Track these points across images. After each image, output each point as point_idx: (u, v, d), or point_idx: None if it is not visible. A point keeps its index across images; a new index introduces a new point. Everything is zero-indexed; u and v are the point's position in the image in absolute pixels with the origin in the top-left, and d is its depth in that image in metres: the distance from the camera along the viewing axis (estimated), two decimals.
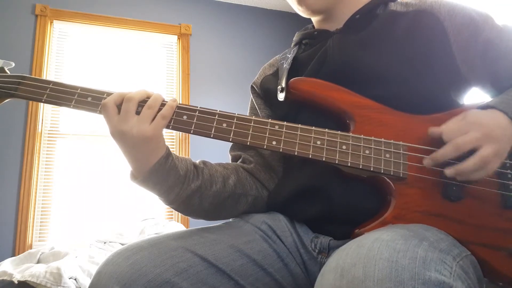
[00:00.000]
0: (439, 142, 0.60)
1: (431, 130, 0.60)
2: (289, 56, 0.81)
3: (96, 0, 2.72)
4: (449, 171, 0.57)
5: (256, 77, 0.90)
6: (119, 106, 0.62)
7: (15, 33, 2.50)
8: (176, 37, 2.91)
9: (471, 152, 0.56)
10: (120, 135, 0.61)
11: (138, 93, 0.63)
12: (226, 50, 3.00)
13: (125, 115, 0.61)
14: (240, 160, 0.83)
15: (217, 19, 3.03)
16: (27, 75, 0.67)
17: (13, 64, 0.71)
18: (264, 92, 0.85)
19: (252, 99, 0.89)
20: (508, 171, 0.61)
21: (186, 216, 0.73)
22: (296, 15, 0.84)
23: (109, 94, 0.65)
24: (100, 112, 0.64)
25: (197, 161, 0.73)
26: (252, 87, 0.89)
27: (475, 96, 0.74)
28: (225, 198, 0.73)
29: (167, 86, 2.85)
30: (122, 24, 2.75)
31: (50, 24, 2.61)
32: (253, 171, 0.79)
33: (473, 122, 0.57)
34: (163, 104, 0.63)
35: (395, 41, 0.70)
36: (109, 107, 0.61)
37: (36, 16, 2.56)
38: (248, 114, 0.88)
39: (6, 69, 0.69)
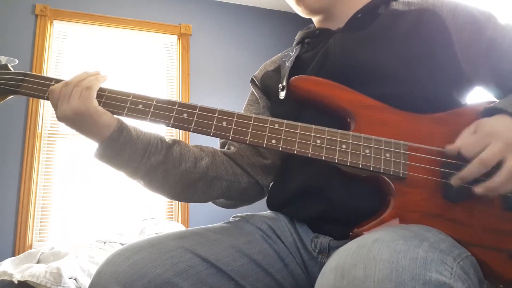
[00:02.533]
0: (442, 143, 0.59)
1: (448, 148, 0.59)
2: (292, 54, 0.81)
3: (96, 0, 2.72)
4: (479, 190, 0.55)
5: (256, 72, 0.89)
6: None
7: (15, 33, 2.50)
8: (176, 37, 2.91)
9: (498, 164, 0.54)
10: (61, 119, 0.63)
11: (77, 76, 0.65)
12: (226, 50, 3.00)
13: (62, 98, 0.63)
14: (227, 144, 0.82)
15: (217, 19, 3.03)
16: (30, 72, 0.68)
17: (17, 61, 0.71)
18: (264, 88, 0.85)
19: (252, 91, 0.89)
20: None
21: (155, 193, 0.73)
22: (296, 15, 0.84)
23: (57, 81, 0.67)
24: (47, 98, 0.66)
25: (171, 140, 0.72)
26: (252, 79, 0.89)
27: (478, 95, 0.73)
28: (196, 180, 0.71)
29: (167, 86, 2.85)
30: (122, 24, 2.74)
31: (50, 24, 2.61)
32: (234, 157, 0.78)
33: (490, 133, 0.56)
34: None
35: (397, 40, 0.70)
36: (55, 93, 0.64)
37: (36, 16, 2.56)
38: (245, 106, 0.88)
39: (9, 66, 0.70)
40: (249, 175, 0.78)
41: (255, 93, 0.87)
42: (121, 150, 0.64)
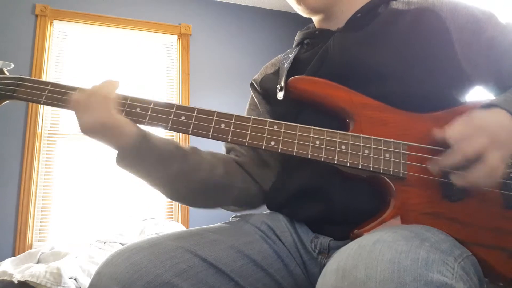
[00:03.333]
0: (441, 141, 0.59)
1: (434, 132, 0.59)
2: (291, 56, 0.81)
3: (96, 0, 2.72)
4: (457, 180, 0.55)
5: (256, 75, 0.90)
6: None
7: (15, 33, 2.50)
8: (176, 37, 2.91)
9: (478, 157, 0.54)
10: (83, 130, 0.62)
11: (95, 85, 0.64)
12: (226, 50, 3.00)
13: (85, 108, 0.62)
14: (232, 152, 0.83)
15: (217, 19, 3.03)
16: (26, 77, 0.67)
17: (12, 65, 0.71)
18: (263, 91, 0.85)
19: (252, 96, 0.89)
20: (510, 170, 0.60)
21: (171, 200, 0.74)
22: (296, 15, 0.84)
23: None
24: None
25: (187, 146, 0.73)
26: (252, 84, 0.89)
27: (477, 94, 0.73)
28: (211, 187, 0.73)
29: (167, 86, 2.85)
30: (122, 24, 2.74)
31: (50, 24, 2.61)
32: (244, 164, 0.79)
33: (478, 126, 0.56)
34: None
35: (397, 39, 0.70)
36: (76, 104, 0.63)
37: (36, 16, 2.56)
38: (247, 110, 0.88)
39: (5, 70, 0.69)
40: (256, 182, 0.79)
41: (255, 98, 0.88)
42: (144, 158, 0.65)
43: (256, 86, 0.88)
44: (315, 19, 0.82)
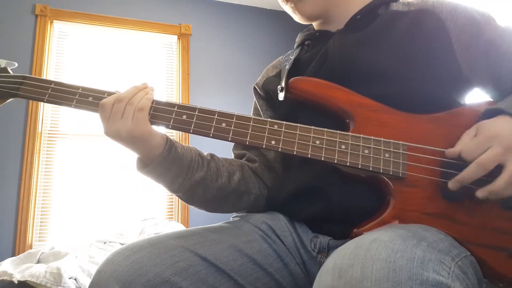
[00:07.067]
0: (441, 143, 0.60)
1: (448, 152, 0.59)
2: (291, 57, 0.81)
3: (96, 0, 2.72)
4: (481, 194, 0.55)
5: (258, 79, 0.91)
6: None
7: (15, 33, 2.50)
8: (176, 37, 2.91)
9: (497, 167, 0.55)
10: (112, 136, 0.63)
11: (128, 92, 0.64)
12: (226, 50, 3.00)
13: (114, 116, 0.62)
14: (244, 158, 0.84)
15: (217, 19, 3.03)
16: (29, 75, 0.68)
17: (16, 64, 0.71)
18: (266, 94, 0.86)
19: (255, 101, 0.90)
20: None
21: (190, 205, 0.77)
22: None
23: (109, 93, 0.66)
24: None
25: (205, 153, 0.74)
26: (254, 88, 0.90)
27: (477, 96, 0.73)
28: (229, 193, 0.75)
29: (167, 86, 2.85)
30: (122, 24, 2.75)
31: (50, 24, 2.62)
32: (257, 170, 0.81)
33: (491, 137, 0.56)
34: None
35: (396, 40, 0.70)
36: (107, 108, 0.63)
37: (36, 16, 2.56)
38: (252, 114, 0.89)
39: (9, 69, 0.70)
40: (267, 187, 0.81)
41: (257, 103, 0.89)
42: (170, 168, 0.66)
43: (258, 90, 0.89)
44: (315, 23, 0.83)
